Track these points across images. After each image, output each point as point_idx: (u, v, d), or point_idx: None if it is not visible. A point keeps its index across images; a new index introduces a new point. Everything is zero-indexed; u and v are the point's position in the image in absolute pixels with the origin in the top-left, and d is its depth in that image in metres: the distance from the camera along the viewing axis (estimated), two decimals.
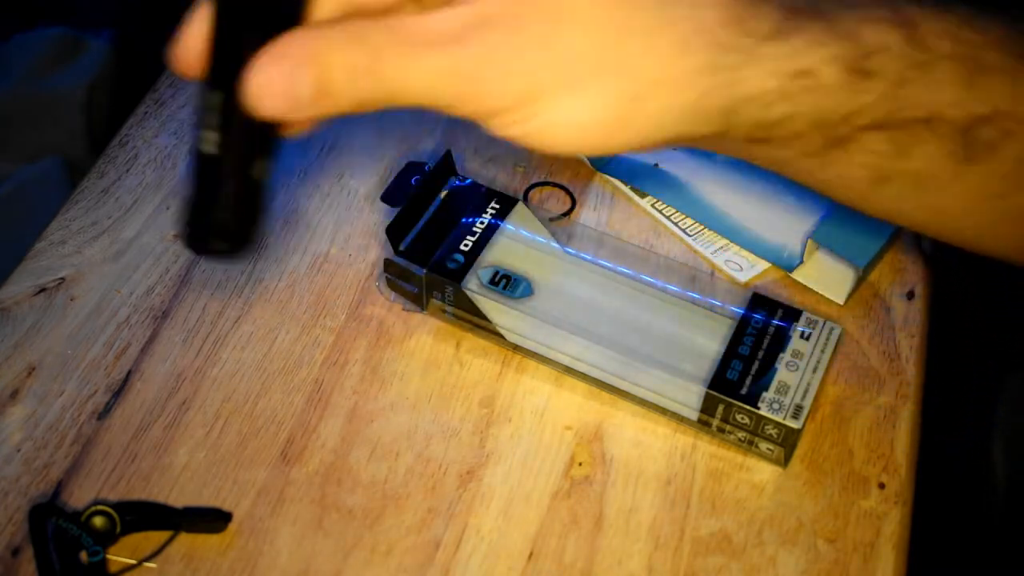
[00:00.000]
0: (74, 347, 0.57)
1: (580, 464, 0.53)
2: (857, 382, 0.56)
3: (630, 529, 0.51)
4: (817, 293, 0.60)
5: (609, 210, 0.65)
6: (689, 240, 0.63)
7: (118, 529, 0.49)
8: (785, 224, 0.63)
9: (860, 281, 0.60)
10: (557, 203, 0.65)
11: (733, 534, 0.51)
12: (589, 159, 0.66)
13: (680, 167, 0.66)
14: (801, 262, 0.61)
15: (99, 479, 0.52)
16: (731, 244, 0.62)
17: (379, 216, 0.64)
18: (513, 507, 0.52)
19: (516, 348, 0.57)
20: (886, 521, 0.51)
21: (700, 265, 0.62)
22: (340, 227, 0.64)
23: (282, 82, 0.32)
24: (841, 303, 0.60)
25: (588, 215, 0.64)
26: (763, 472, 0.53)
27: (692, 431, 0.54)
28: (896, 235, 0.62)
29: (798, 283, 0.61)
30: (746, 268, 0.61)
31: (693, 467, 0.53)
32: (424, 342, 0.58)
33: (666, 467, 0.53)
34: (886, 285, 0.61)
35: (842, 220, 0.61)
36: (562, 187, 0.66)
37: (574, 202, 0.65)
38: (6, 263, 0.61)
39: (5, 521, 0.51)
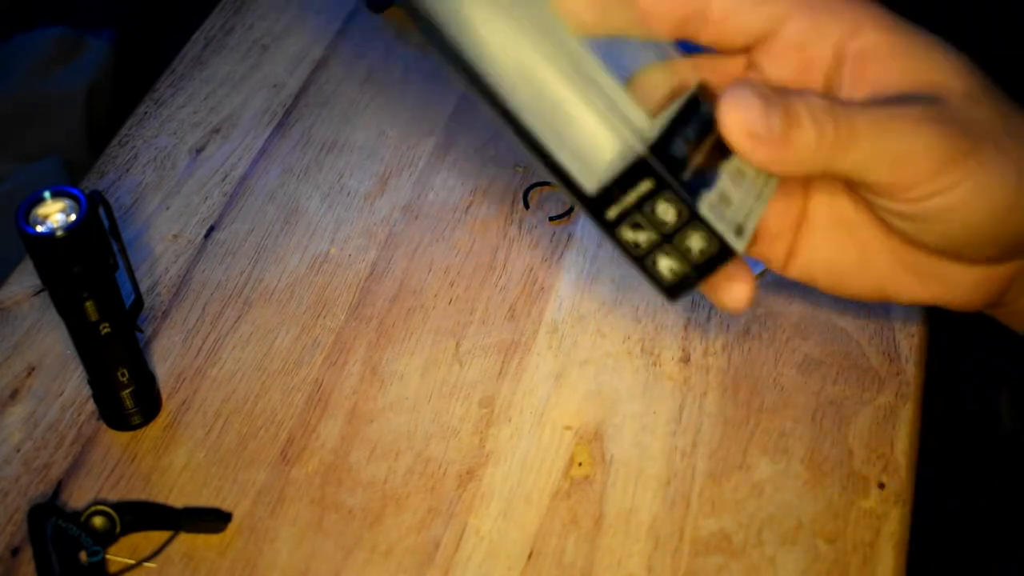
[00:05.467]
0: (74, 347, 0.57)
1: (580, 464, 0.53)
2: (857, 382, 0.56)
3: (630, 529, 0.51)
4: None
5: None
6: None
7: (118, 529, 0.49)
8: None
9: None
10: (557, 203, 0.65)
11: (733, 534, 0.51)
12: None
13: None
14: None
15: (99, 479, 0.52)
16: None
17: (376, 216, 0.64)
18: (513, 507, 0.52)
19: None
20: (886, 521, 0.51)
21: None
22: (340, 227, 0.64)
23: (756, 110, 0.36)
24: None
25: None
26: (763, 472, 0.53)
27: (692, 432, 0.54)
28: None
29: None
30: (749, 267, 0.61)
31: (693, 467, 0.53)
32: (424, 342, 0.58)
33: (666, 467, 0.53)
34: None
35: None
36: None
37: None
38: (6, 263, 0.61)
39: (5, 521, 0.51)
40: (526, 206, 0.65)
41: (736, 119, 0.36)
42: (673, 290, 0.39)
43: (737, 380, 0.56)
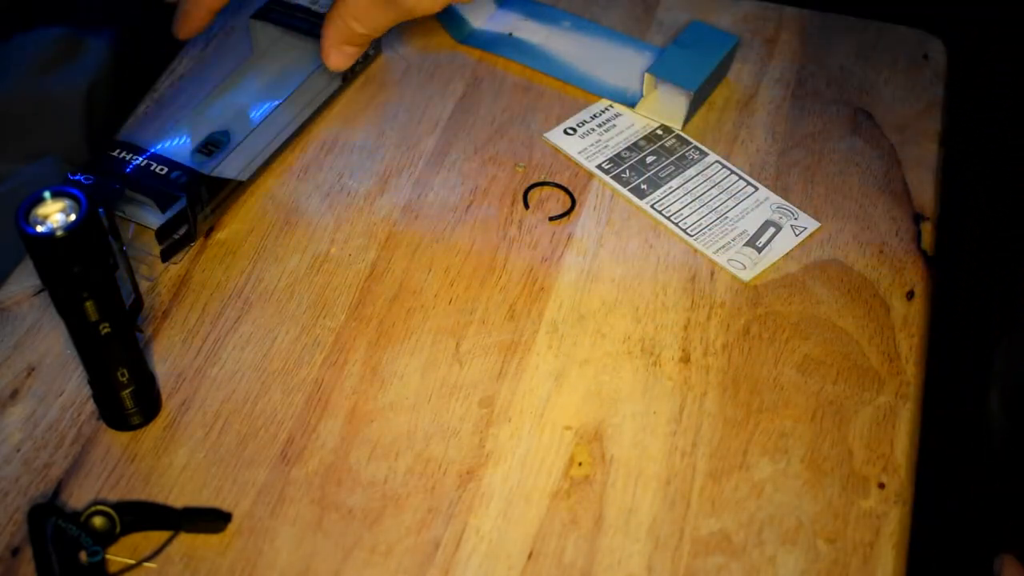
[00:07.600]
0: (74, 347, 0.57)
1: (580, 464, 0.53)
2: (857, 382, 0.56)
3: (630, 529, 0.51)
4: (660, 123, 0.70)
5: (609, 210, 0.65)
6: (690, 240, 0.63)
7: (118, 529, 0.49)
8: (626, 69, 0.73)
9: (696, 107, 0.69)
10: (557, 203, 0.65)
11: (733, 534, 0.51)
12: (451, 32, 0.75)
13: (532, 34, 0.76)
14: (642, 96, 0.70)
15: (99, 479, 0.52)
16: (733, 243, 0.62)
17: (376, 216, 0.64)
18: (513, 507, 0.52)
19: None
20: (886, 521, 0.51)
21: (701, 264, 0.62)
22: (340, 227, 0.64)
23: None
24: (679, 128, 0.69)
25: (588, 215, 0.64)
26: (763, 471, 0.53)
27: (692, 432, 0.54)
28: (725, 63, 0.71)
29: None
30: (749, 267, 0.61)
31: (693, 467, 0.53)
32: (424, 342, 0.58)
33: (666, 467, 0.53)
34: (886, 285, 0.61)
35: (674, 55, 0.70)
36: (562, 187, 0.66)
37: (574, 202, 0.65)
38: (6, 263, 0.61)
39: (5, 521, 0.51)
40: (526, 206, 0.65)
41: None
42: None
43: (737, 380, 0.56)
